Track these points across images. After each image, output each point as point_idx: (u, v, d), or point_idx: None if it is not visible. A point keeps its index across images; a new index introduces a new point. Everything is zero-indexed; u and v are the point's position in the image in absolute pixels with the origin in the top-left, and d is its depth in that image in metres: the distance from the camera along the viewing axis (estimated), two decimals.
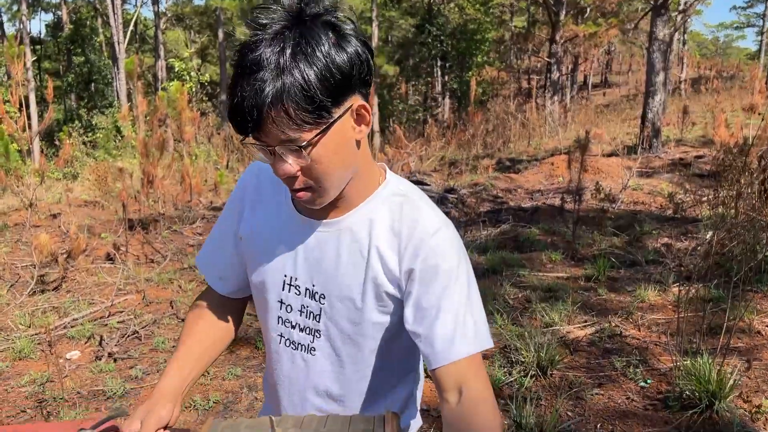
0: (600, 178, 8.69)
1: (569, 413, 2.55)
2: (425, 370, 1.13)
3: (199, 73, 22.57)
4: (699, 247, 4.25)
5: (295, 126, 0.82)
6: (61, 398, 2.95)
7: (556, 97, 18.78)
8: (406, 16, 22.16)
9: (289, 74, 0.80)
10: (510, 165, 10.92)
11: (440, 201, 7.84)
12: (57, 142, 16.10)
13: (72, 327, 3.92)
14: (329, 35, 0.83)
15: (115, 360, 3.44)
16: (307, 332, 1.03)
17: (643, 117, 10.66)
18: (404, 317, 0.96)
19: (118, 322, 4.01)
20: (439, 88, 22.18)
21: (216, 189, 9.80)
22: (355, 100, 0.88)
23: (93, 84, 26.40)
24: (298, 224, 1.00)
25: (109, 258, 6.11)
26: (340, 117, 0.85)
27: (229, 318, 1.15)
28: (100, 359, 3.42)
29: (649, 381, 2.77)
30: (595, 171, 9.06)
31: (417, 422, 1.18)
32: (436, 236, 0.95)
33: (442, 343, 0.92)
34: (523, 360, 2.89)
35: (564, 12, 17.64)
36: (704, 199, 4.69)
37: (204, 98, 23.31)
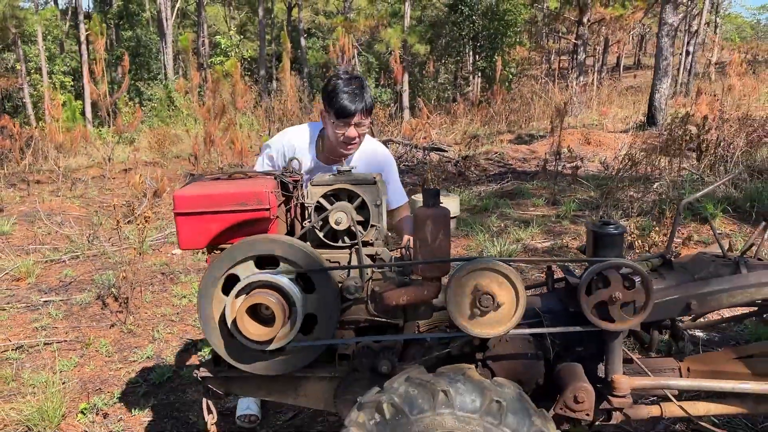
0: (601, 150, 9.80)
1: None
2: None
3: (240, 50, 24.02)
4: (648, 195, 5.42)
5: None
6: (178, 271, 4.34)
7: (582, 78, 19.60)
8: None
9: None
10: (528, 139, 12.03)
11: (455, 165, 9.06)
12: (111, 109, 17.70)
13: (169, 238, 5.32)
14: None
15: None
16: None
17: (651, 97, 11.68)
18: None
19: None
20: (469, 67, 23.10)
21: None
22: None
23: (138, 58, 28.10)
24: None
25: None
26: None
27: None
28: (197, 253, 4.80)
29: None
30: (597, 144, 10.17)
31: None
32: None
33: None
34: (489, 254, 4.16)
35: None
36: (655, 160, 5.87)
37: (244, 73, 24.72)
